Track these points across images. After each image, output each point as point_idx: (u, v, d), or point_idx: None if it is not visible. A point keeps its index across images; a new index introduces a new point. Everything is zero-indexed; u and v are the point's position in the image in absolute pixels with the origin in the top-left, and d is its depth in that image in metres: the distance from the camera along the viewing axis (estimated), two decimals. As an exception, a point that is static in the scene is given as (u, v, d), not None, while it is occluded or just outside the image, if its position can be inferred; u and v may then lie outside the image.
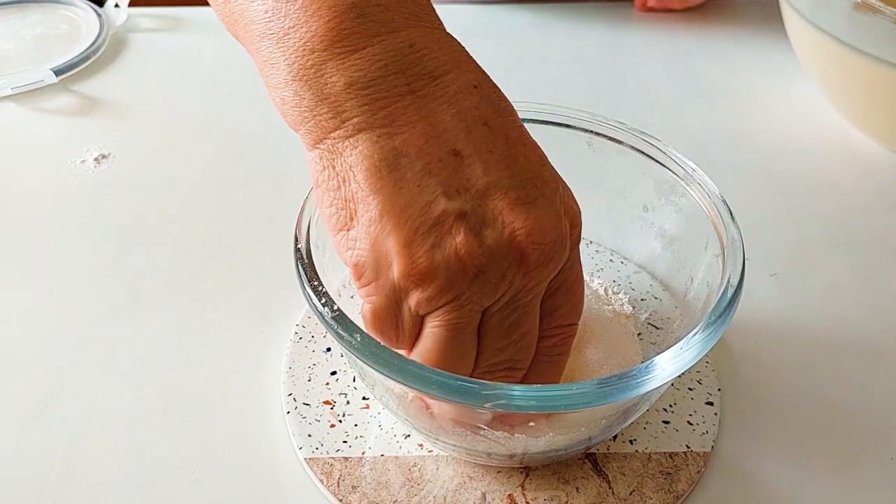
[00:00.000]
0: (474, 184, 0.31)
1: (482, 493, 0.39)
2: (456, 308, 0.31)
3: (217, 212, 0.54)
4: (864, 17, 0.53)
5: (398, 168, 0.30)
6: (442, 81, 0.31)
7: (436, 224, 0.30)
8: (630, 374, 0.33)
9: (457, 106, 0.31)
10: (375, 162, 0.30)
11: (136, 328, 0.46)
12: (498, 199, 0.31)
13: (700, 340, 0.34)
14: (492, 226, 0.30)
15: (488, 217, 0.30)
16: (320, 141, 0.31)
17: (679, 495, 0.39)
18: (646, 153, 0.43)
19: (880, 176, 0.59)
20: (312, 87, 0.30)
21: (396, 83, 0.30)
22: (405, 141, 0.30)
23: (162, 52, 0.69)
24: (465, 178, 0.31)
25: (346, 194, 0.31)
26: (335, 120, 0.30)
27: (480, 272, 0.30)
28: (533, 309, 0.32)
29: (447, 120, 0.31)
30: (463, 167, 0.31)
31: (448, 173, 0.30)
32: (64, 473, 0.40)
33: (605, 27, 0.74)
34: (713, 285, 0.38)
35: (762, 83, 0.68)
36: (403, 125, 0.30)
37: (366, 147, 0.30)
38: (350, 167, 0.30)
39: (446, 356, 0.32)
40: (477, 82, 0.32)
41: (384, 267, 0.31)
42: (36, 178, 0.56)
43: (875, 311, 0.49)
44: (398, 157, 0.30)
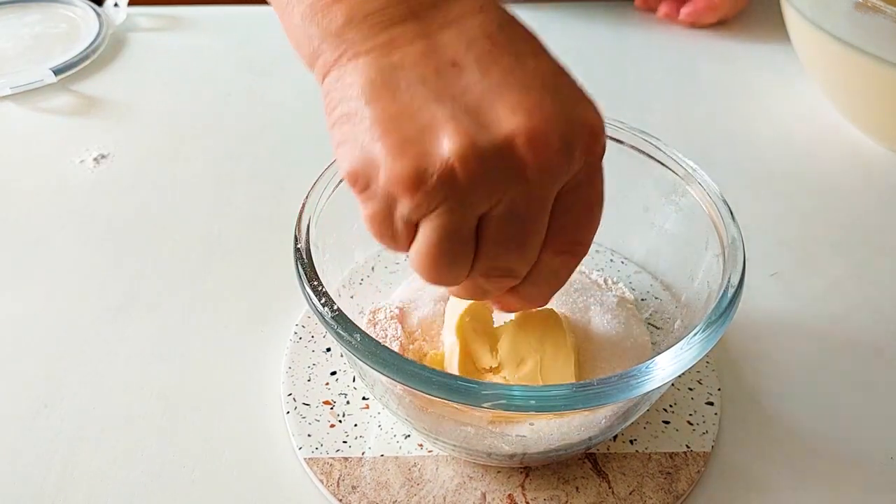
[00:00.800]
0: (471, 89, 0.30)
1: (482, 493, 0.39)
2: (445, 213, 0.30)
3: (217, 212, 0.54)
4: (865, 17, 0.53)
5: (393, 80, 0.30)
6: (445, 6, 0.31)
7: (425, 129, 0.29)
8: (630, 374, 0.33)
9: (460, 25, 0.31)
10: (371, 76, 0.30)
11: (136, 328, 0.46)
12: (499, 103, 0.29)
13: (700, 340, 0.34)
14: (486, 129, 0.29)
15: (483, 121, 0.29)
16: (327, 73, 0.32)
17: (679, 495, 0.39)
18: (647, 153, 0.43)
19: (880, 176, 0.59)
20: (319, 25, 0.32)
21: (397, 10, 0.31)
22: (402, 56, 0.30)
23: (161, 52, 0.68)
24: (462, 85, 0.30)
25: (345, 109, 0.31)
26: (338, 50, 0.31)
27: (471, 178, 0.29)
28: (534, 220, 0.31)
29: (448, 36, 0.31)
30: (461, 76, 0.30)
31: (444, 82, 0.30)
32: (64, 473, 0.40)
33: (605, 27, 0.73)
34: (713, 285, 0.38)
35: (763, 83, 0.68)
36: (401, 44, 0.31)
37: (363, 65, 0.31)
38: (349, 85, 0.31)
39: (438, 260, 0.31)
40: (483, 5, 0.32)
41: (374, 173, 0.30)
42: (35, 178, 0.56)
43: (875, 311, 0.49)
44: (394, 70, 0.30)
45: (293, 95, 0.64)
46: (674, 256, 0.44)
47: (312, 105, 0.64)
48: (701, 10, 0.72)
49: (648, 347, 0.42)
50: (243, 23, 0.72)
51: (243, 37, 0.70)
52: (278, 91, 0.65)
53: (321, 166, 0.41)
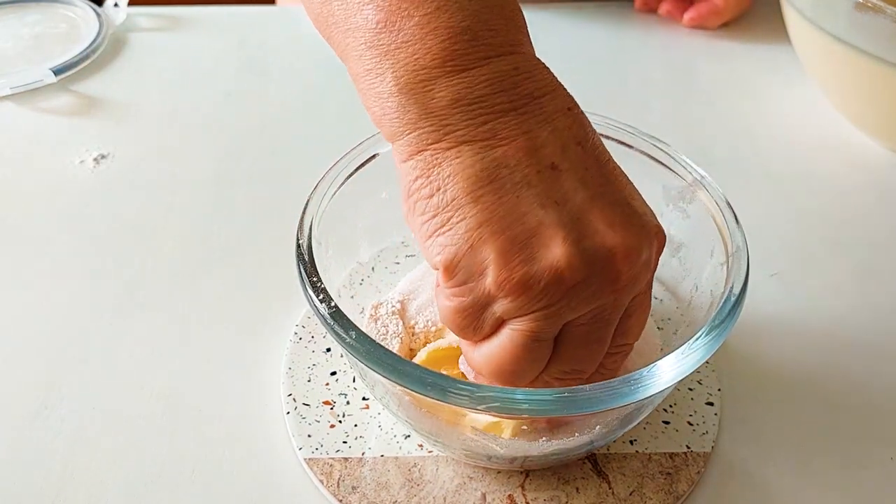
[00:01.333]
0: (571, 198, 0.31)
1: (482, 494, 0.39)
2: (542, 318, 0.31)
3: (217, 212, 0.54)
4: (865, 17, 0.53)
5: (498, 178, 0.30)
6: (540, 102, 0.32)
7: (534, 234, 0.30)
8: (632, 379, 0.33)
9: (553, 125, 0.32)
10: (477, 172, 0.30)
11: (136, 328, 0.46)
12: (595, 215, 0.31)
13: (701, 346, 0.34)
14: (590, 239, 0.30)
15: (586, 231, 0.31)
16: (418, 153, 0.31)
17: (679, 496, 0.39)
18: (655, 158, 0.43)
19: (880, 176, 0.59)
20: (419, 102, 0.31)
21: (500, 100, 0.31)
22: (505, 153, 0.31)
23: (161, 52, 0.68)
24: (563, 191, 0.31)
25: (440, 202, 0.31)
26: (438, 133, 0.31)
27: (575, 286, 0.30)
28: (613, 324, 0.33)
29: (545, 136, 0.31)
30: (560, 181, 0.31)
31: (546, 185, 0.31)
32: (64, 473, 0.40)
33: (605, 27, 0.73)
34: (717, 293, 0.38)
35: (763, 83, 0.67)
36: (504, 139, 0.31)
37: (467, 157, 0.31)
38: (449, 176, 0.31)
39: (519, 361, 0.32)
40: (570, 105, 0.33)
41: (478, 272, 0.31)
42: (35, 178, 0.56)
43: (875, 311, 0.49)
44: (498, 168, 0.30)
45: (293, 95, 0.64)
46: (680, 264, 0.44)
47: (312, 105, 0.64)
48: (705, 14, 0.72)
49: (658, 345, 0.42)
50: (243, 23, 0.72)
51: (243, 37, 0.70)
52: (278, 91, 0.65)
53: (321, 166, 0.41)
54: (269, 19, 0.73)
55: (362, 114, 0.34)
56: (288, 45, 0.69)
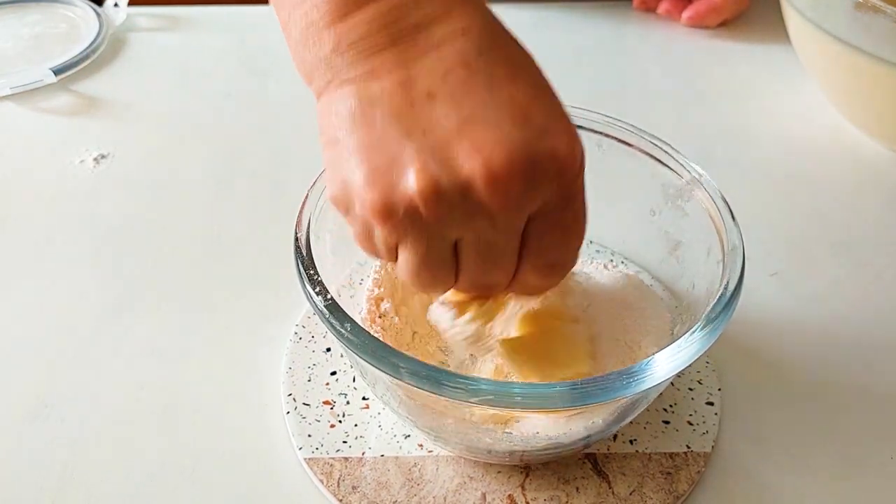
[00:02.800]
0: (442, 124, 0.31)
1: (482, 494, 0.39)
2: (416, 242, 0.32)
3: (217, 212, 0.54)
4: (865, 17, 0.53)
5: (370, 111, 0.32)
6: (426, 31, 0.32)
7: (394, 163, 0.31)
8: (628, 373, 0.33)
9: (439, 52, 0.32)
10: (352, 107, 0.32)
11: (136, 328, 0.46)
12: (461, 139, 0.31)
13: (696, 340, 0.34)
14: (448, 167, 0.31)
15: (447, 157, 0.31)
16: (318, 98, 0.34)
17: (679, 495, 0.39)
18: (655, 157, 0.43)
19: (880, 176, 0.59)
20: (312, 50, 0.34)
21: (379, 38, 0.32)
22: (381, 87, 0.32)
23: (161, 52, 0.68)
24: (434, 119, 0.31)
25: (330, 136, 0.33)
26: (326, 76, 0.33)
27: (434, 214, 0.31)
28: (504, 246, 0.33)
29: (426, 65, 0.32)
30: (434, 108, 0.31)
31: (416, 115, 0.32)
32: (63, 473, 0.40)
33: (605, 27, 0.73)
34: (713, 291, 0.38)
35: (762, 82, 0.67)
36: (382, 75, 0.32)
37: (347, 95, 0.33)
38: (335, 113, 0.33)
39: (418, 278, 0.34)
40: (466, 25, 0.32)
41: (352, 200, 0.33)
42: (35, 178, 0.56)
43: (875, 311, 0.49)
44: (372, 102, 0.32)
45: (293, 95, 0.64)
46: (677, 262, 0.44)
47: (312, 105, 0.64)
48: (703, 12, 0.72)
49: (668, 320, 0.42)
50: (243, 23, 0.72)
51: (243, 37, 0.70)
52: (278, 91, 0.65)
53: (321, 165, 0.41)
54: (269, 19, 0.73)
55: None
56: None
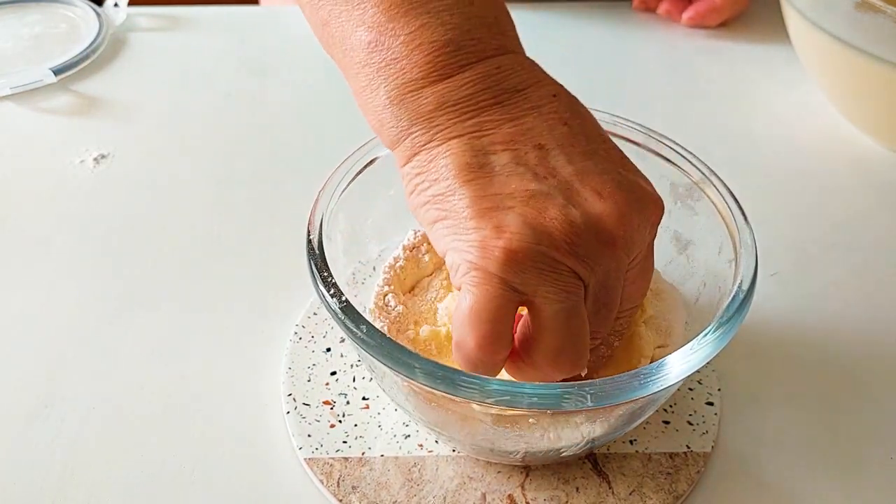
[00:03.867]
0: (560, 171, 0.33)
1: (482, 494, 0.39)
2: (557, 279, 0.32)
3: (217, 212, 0.54)
4: (865, 17, 0.53)
5: (487, 163, 0.33)
6: (524, 93, 0.34)
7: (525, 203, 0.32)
8: (642, 374, 0.33)
9: (538, 111, 0.34)
10: (467, 158, 0.33)
11: (136, 328, 0.46)
12: (584, 185, 0.33)
13: (710, 341, 0.34)
14: (581, 206, 0.32)
15: (576, 199, 0.32)
16: (414, 155, 0.34)
17: (679, 495, 0.39)
18: (663, 155, 0.43)
19: (880, 176, 0.59)
20: (409, 110, 0.34)
21: (483, 97, 0.34)
22: (492, 140, 0.33)
23: (161, 52, 0.68)
24: (552, 166, 0.33)
25: (437, 191, 0.33)
26: (428, 134, 0.34)
27: (573, 246, 0.32)
28: (618, 289, 0.34)
29: (530, 121, 0.34)
30: (548, 158, 0.33)
31: (534, 162, 0.33)
32: (63, 473, 0.40)
33: (605, 27, 0.73)
34: (724, 290, 0.38)
35: (762, 82, 0.67)
36: (489, 129, 0.33)
37: (456, 149, 0.33)
38: (442, 167, 0.33)
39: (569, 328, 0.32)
40: (556, 92, 0.35)
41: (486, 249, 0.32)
42: (35, 178, 0.56)
43: (875, 311, 0.49)
44: (486, 154, 0.33)
45: (293, 95, 0.64)
46: (687, 261, 0.44)
47: (312, 105, 0.64)
48: (703, 12, 0.72)
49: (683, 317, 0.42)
50: (243, 23, 0.72)
51: (243, 37, 0.70)
52: (278, 91, 0.65)
53: (321, 166, 0.41)
54: (269, 19, 0.73)
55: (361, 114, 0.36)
56: (288, 45, 0.69)
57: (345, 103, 0.58)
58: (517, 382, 0.32)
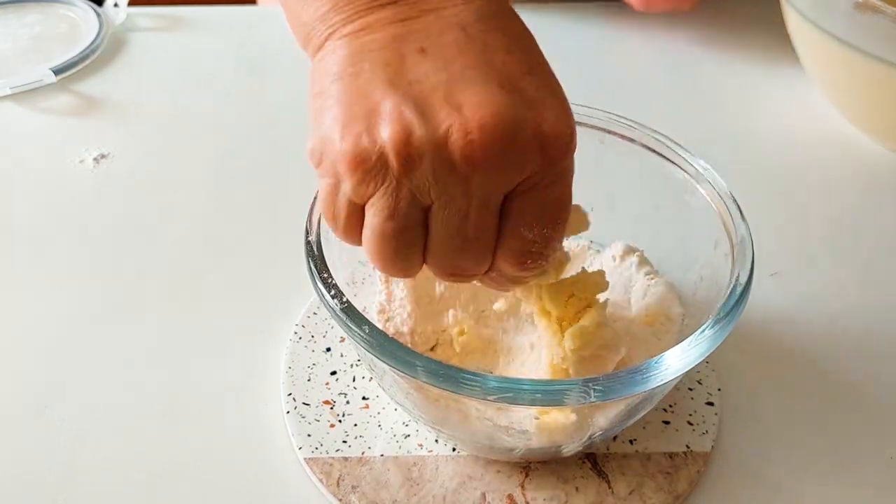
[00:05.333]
0: (428, 78, 0.30)
1: (482, 493, 0.39)
2: (385, 195, 0.30)
3: (217, 212, 0.54)
4: (865, 17, 0.53)
5: (360, 62, 0.31)
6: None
7: (372, 111, 0.30)
8: (641, 369, 0.33)
9: (437, 13, 0.32)
10: (342, 57, 0.32)
11: (136, 328, 0.46)
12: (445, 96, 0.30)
13: (708, 336, 0.34)
14: (428, 120, 0.29)
15: (429, 111, 0.30)
16: (315, 53, 0.34)
17: (679, 495, 0.39)
18: (657, 151, 0.43)
19: (880, 176, 0.59)
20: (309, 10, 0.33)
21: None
22: (374, 39, 0.32)
23: (161, 52, 0.68)
24: (421, 72, 0.30)
25: (319, 88, 0.33)
26: (325, 33, 0.33)
27: (406, 166, 0.29)
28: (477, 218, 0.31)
29: (421, 23, 0.32)
30: (423, 63, 0.31)
31: (405, 67, 0.31)
32: (64, 473, 0.40)
33: (605, 27, 0.73)
34: (721, 284, 0.38)
35: (762, 83, 0.67)
36: (377, 28, 0.32)
37: (339, 47, 0.32)
38: (327, 65, 0.32)
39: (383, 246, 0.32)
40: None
41: (325, 152, 0.32)
42: (35, 178, 0.56)
43: (875, 311, 0.49)
44: (363, 53, 0.31)
45: (293, 95, 0.64)
46: (684, 256, 0.44)
47: (312, 105, 0.64)
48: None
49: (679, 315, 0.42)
50: (243, 23, 0.72)
51: (243, 37, 0.70)
52: (278, 91, 0.65)
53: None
54: (269, 19, 0.73)
55: None
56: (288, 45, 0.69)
57: (345, 103, 0.58)
58: (517, 379, 0.32)
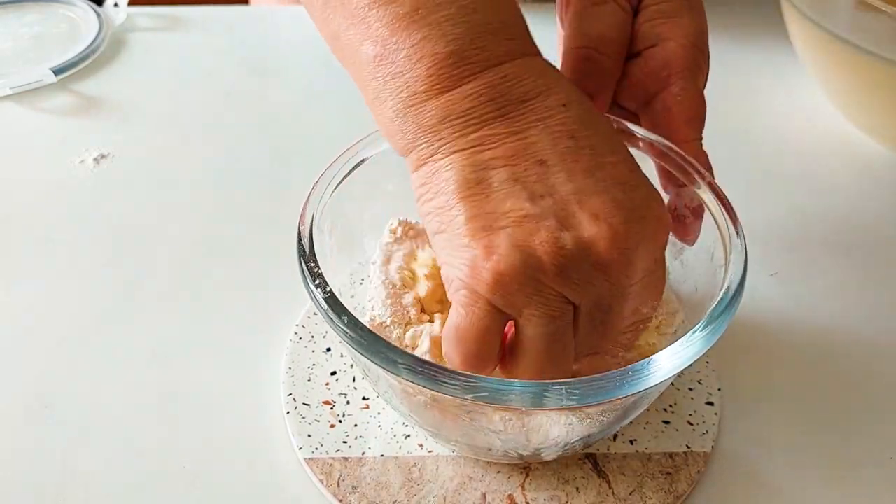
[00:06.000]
0: (558, 190, 0.33)
1: (482, 494, 0.39)
2: (543, 302, 0.32)
3: (217, 211, 0.54)
4: (865, 16, 0.53)
5: (486, 178, 0.33)
6: (531, 104, 0.34)
7: (517, 225, 0.32)
8: (630, 371, 0.33)
9: (544, 123, 0.33)
10: (466, 174, 0.33)
11: (136, 328, 0.46)
12: (581, 205, 0.32)
13: (699, 339, 0.34)
14: (574, 229, 0.32)
15: (571, 221, 0.32)
16: (419, 167, 0.34)
17: (679, 495, 0.39)
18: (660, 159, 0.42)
19: (880, 175, 0.59)
20: (414, 122, 0.34)
21: (487, 110, 0.33)
22: (493, 155, 0.33)
23: (161, 52, 0.68)
24: (550, 184, 0.33)
25: (438, 204, 0.33)
26: (432, 147, 0.34)
27: (562, 271, 0.32)
28: (618, 308, 0.34)
29: (534, 135, 0.33)
30: (548, 175, 0.33)
31: (533, 180, 0.33)
32: (64, 473, 0.40)
33: (605, 27, 0.73)
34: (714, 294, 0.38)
35: (762, 82, 0.67)
36: (492, 143, 0.33)
37: (456, 163, 0.33)
38: (443, 181, 0.33)
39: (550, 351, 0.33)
40: (566, 101, 0.34)
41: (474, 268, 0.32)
42: (35, 179, 0.56)
43: (875, 311, 0.49)
44: (486, 170, 0.33)
45: (293, 95, 0.64)
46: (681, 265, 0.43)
47: (312, 105, 0.64)
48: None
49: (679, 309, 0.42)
50: (243, 23, 0.72)
51: (243, 37, 0.70)
52: (278, 91, 0.65)
53: (321, 165, 0.41)
54: (269, 19, 0.73)
55: (361, 114, 0.37)
56: (288, 45, 0.69)
57: (345, 103, 0.58)
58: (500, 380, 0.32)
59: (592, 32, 0.42)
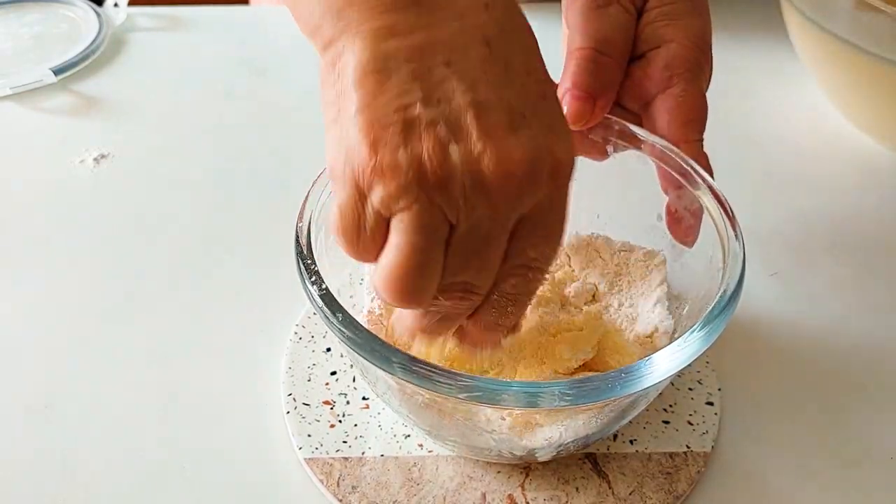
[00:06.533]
0: (457, 98, 0.30)
1: (482, 494, 0.39)
2: (421, 208, 0.30)
3: (216, 212, 0.54)
4: (865, 16, 0.53)
5: (385, 69, 0.31)
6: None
7: (407, 126, 0.30)
8: (628, 371, 0.33)
9: (461, 21, 0.31)
10: (364, 61, 0.31)
11: (136, 328, 0.46)
12: (476, 119, 0.30)
13: (696, 340, 0.34)
14: (462, 143, 0.30)
15: (461, 134, 0.30)
16: (326, 48, 0.32)
17: (679, 495, 0.39)
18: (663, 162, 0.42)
19: (881, 176, 0.59)
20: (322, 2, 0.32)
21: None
22: (398, 46, 0.31)
23: (161, 52, 0.68)
24: (450, 90, 0.30)
25: (337, 88, 0.32)
26: (337, 27, 0.32)
27: (443, 184, 0.30)
28: (495, 238, 0.32)
29: (446, 33, 0.31)
30: (450, 80, 0.31)
31: (433, 83, 0.30)
32: (64, 473, 0.40)
33: (605, 27, 0.73)
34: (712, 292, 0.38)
35: (762, 82, 0.67)
36: (400, 32, 0.31)
37: (359, 48, 0.31)
38: (344, 65, 0.32)
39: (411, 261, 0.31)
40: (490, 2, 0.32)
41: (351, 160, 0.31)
42: (35, 178, 0.56)
43: (875, 311, 0.49)
44: (387, 60, 0.31)
45: (293, 95, 0.64)
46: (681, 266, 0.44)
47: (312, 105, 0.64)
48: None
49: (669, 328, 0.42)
50: (243, 23, 0.72)
51: (243, 37, 0.70)
52: (278, 91, 0.65)
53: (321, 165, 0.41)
54: (269, 19, 0.73)
55: None
56: (288, 45, 0.69)
57: (345, 103, 0.58)
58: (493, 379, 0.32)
59: (597, 34, 0.42)
